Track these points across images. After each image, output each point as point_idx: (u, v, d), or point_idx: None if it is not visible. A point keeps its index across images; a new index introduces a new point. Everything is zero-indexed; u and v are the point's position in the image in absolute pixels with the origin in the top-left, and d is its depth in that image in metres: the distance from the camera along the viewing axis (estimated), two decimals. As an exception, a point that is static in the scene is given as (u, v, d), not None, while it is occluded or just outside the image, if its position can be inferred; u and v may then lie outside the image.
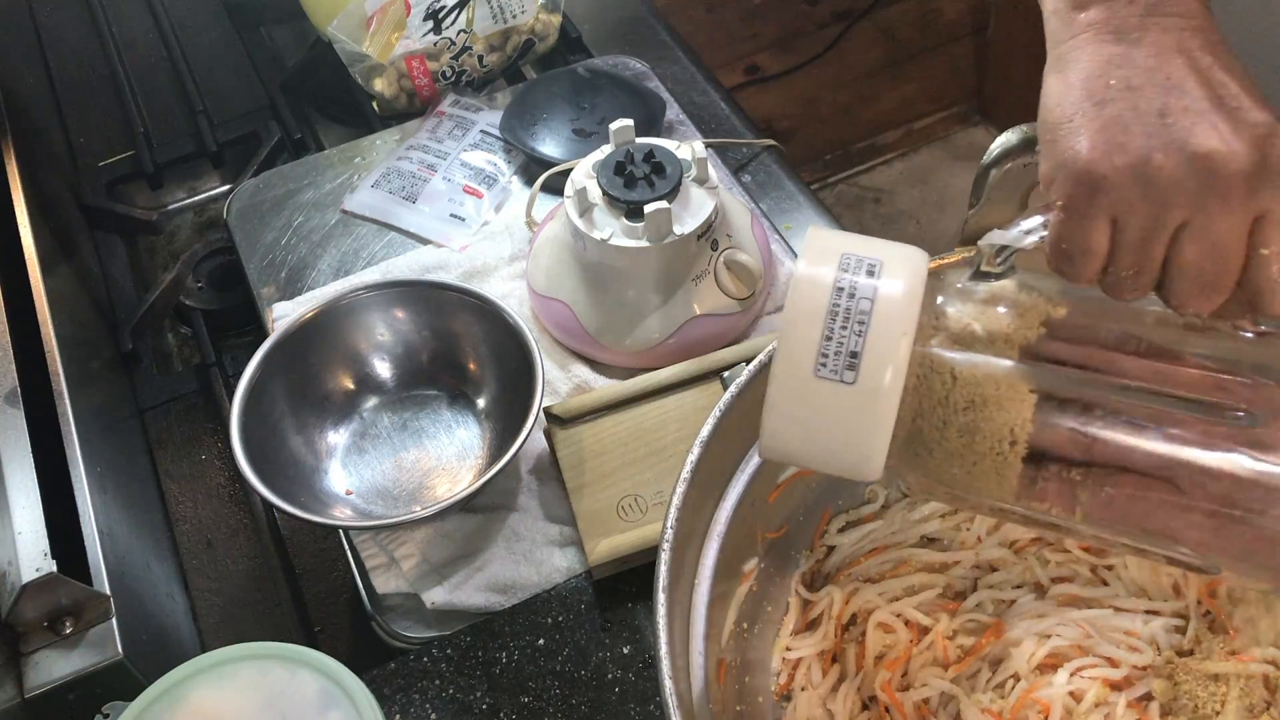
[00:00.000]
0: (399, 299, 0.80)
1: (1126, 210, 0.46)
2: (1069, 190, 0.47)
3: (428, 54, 1.00)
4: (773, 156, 1.01)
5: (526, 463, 0.79)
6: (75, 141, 1.12)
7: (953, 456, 0.48)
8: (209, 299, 0.97)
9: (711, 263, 0.81)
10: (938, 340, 0.48)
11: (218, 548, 0.82)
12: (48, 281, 0.83)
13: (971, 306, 0.49)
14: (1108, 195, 0.46)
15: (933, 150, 2.30)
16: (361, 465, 0.79)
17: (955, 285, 0.50)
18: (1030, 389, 0.47)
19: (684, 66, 1.10)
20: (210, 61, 1.18)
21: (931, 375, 0.47)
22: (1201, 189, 0.44)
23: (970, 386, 0.47)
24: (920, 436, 0.48)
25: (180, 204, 1.11)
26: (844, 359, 0.45)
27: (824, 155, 2.24)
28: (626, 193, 0.79)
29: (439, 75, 1.02)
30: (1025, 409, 0.47)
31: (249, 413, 0.73)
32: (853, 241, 0.48)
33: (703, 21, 1.88)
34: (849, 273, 0.46)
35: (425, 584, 0.73)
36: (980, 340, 0.48)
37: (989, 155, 0.62)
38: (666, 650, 0.52)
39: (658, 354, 0.81)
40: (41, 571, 0.63)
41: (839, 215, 1.27)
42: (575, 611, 0.73)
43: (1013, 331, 0.48)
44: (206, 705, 0.55)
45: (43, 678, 0.63)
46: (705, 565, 0.60)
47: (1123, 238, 0.46)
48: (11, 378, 0.73)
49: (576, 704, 0.69)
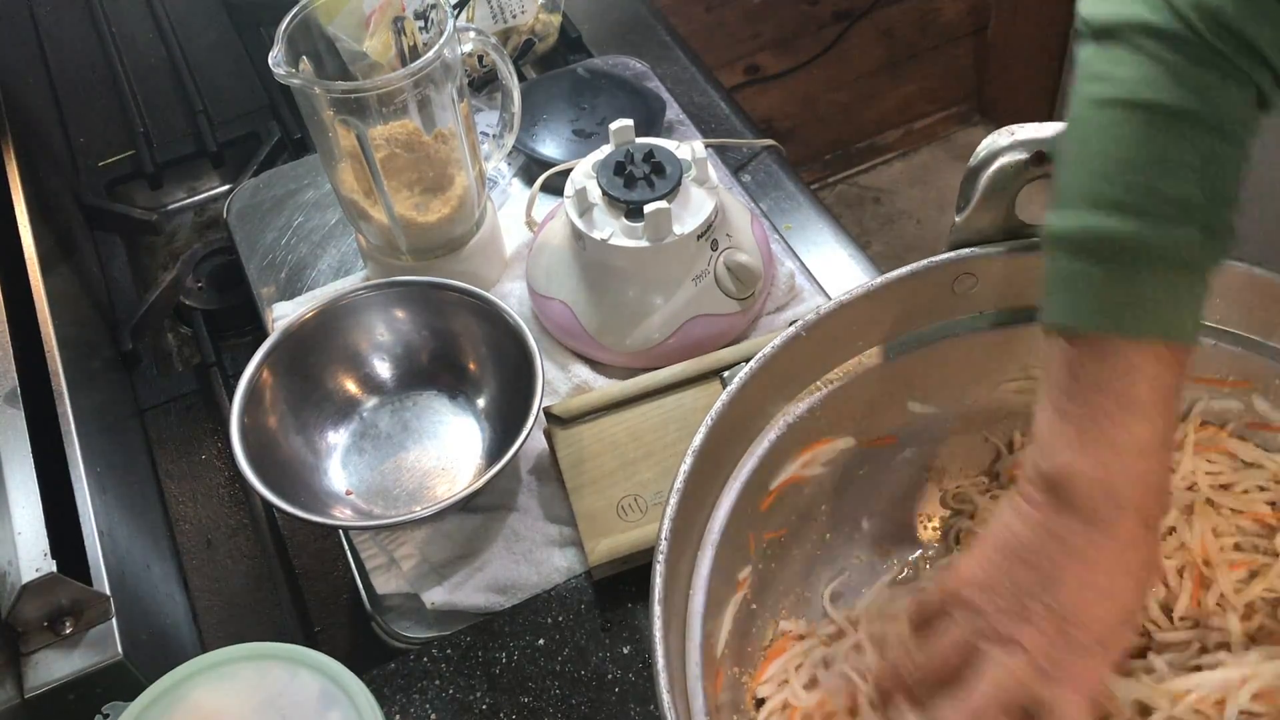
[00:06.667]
0: (399, 299, 0.80)
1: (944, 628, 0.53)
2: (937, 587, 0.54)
3: (428, 54, 1.00)
4: (773, 156, 1.01)
5: (526, 463, 0.79)
6: (75, 141, 1.12)
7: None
8: (209, 299, 0.98)
9: (711, 263, 0.81)
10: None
11: (218, 548, 0.82)
12: (48, 281, 0.83)
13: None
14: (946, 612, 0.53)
15: (933, 150, 2.31)
16: (361, 465, 0.79)
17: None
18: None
19: (684, 66, 1.10)
20: (210, 61, 1.18)
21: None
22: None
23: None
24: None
25: (180, 204, 1.11)
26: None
27: (824, 155, 2.24)
28: (626, 193, 0.79)
29: (439, 75, 1.02)
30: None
31: (249, 413, 0.73)
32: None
33: (703, 21, 1.88)
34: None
35: (425, 584, 0.73)
36: None
37: (976, 157, 0.62)
38: (664, 664, 0.52)
39: (658, 354, 0.81)
40: (41, 571, 0.63)
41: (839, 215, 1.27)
42: (575, 611, 0.73)
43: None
44: (206, 705, 0.55)
45: (43, 678, 0.63)
46: (700, 574, 0.59)
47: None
48: (11, 378, 0.73)
49: (576, 704, 0.69)
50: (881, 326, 0.66)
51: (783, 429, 0.64)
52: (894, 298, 0.65)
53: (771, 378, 0.63)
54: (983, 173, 0.62)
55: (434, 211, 0.83)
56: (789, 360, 0.63)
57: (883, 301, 0.65)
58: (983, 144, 0.62)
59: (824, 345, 0.65)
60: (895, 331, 0.67)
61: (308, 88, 0.75)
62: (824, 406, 0.66)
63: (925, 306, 0.66)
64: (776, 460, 0.65)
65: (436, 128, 0.81)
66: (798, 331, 0.63)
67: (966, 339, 0.67)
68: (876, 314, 0.65)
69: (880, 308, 0.65)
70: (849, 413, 0.67)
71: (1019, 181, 0.62)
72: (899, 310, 0.66)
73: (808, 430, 0.66)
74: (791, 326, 0.63)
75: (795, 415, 0.65)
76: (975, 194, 0.62)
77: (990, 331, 0.66)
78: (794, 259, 0.90)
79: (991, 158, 0.61)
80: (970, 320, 0.67)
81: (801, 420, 0.65)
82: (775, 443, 0.64)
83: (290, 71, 0.74)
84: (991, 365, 0.69)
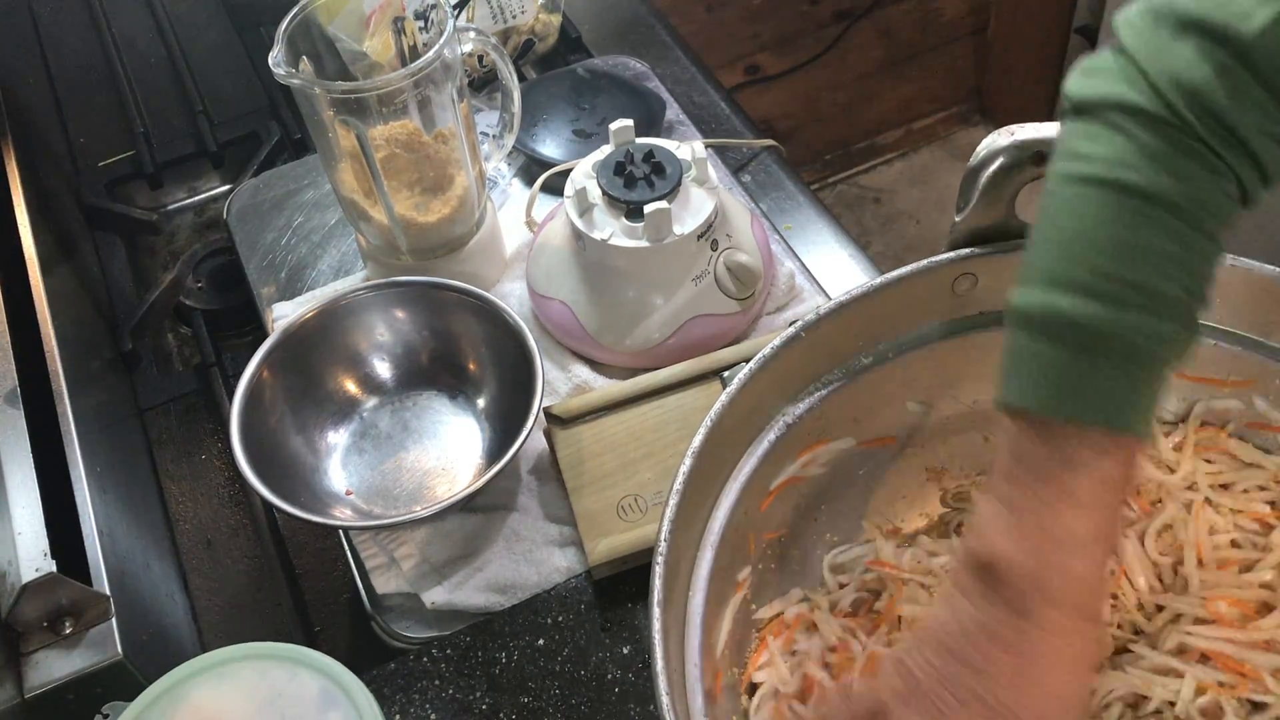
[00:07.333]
0: (399, 299, 0.80)
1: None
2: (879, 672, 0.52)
3: (428, 54, 1.00)
4: (773, 156, 1.01)
5: (526, 463, 0.79)
6: (75, 141, 1.12)
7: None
8: (209, 299, 0.98)
9: (711, 263, 0.81)
10: None
11: (218, 548, 0.82)
12: (48, 281, 0.83)
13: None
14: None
15: (933, 150, 2.31)
16: (361, 465, 0.79)
17: None
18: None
19: (684, 66, 1.10)
20: (210, 61, 1.18)
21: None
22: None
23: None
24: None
25: (180, 204, 1.11)
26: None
27: (824, 155, 2.24)
28: (626, 193, 0.79)
29: (439, 75, 1.02)
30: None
31: (249, 413, 0.73)
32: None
33: (703, 21, 1.88)
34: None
35: (425, 584, 0.73)
36: None
37: (975, 158, 0.62)
38: (663, 665, 0.52)
39: (658, 354, 0.81)
40: (41, 571, 0.63)
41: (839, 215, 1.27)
42: (575, 611, 0.73)
43: None
44: (206, 705, 0.55)
45: (43, 678, 0.63)
46: (700, 576, 0.59)
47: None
48: (11, 378, 0.73)
49: (576, 704, 0.69)
50: (881, 326, 0.66)
51: (783, 429, 0.64)
52: (894, 298, 0.65)
53: (771, 378, 0.63)
54: (983, 173, 0.62)
55: (434, 211, 0.83)
56: (789, 360, 0.63)
57: (883, 301, 0.65)
58: (983, 144, 0.62)
59: (824, 345, 0.65)
60: (895, 331, 0.67)
61: (308, 88, 0.75)
62: (824, 406, 0.66)
63: (925, 306, 0.66)
64: (776, 460, 0.65)
65: (436, 128, 0.81)
66: (798, 331, 0.63)
67: (966, 339, 0.67)
68: (876, 314, 0.65)
69: (880, 308, 0.65)
70: (849, 413, 0.67)
71: (1019, 181, 0.62)
72: (899, 310, 0.66)
73: (808, 430, 0.66)
74: (791, 326, 0.63)
75: (795, 415, 0.65)
76: (975, 194, 0.62)
77: (990, 331, 0.66)
78: (794, 259, 0.91)
79: (991, 158, 0.61)
80: (970, 320, 0.67)
81: (801, 420, 0.65)
82: (775, 443, 0.64)
83: (290, 71, 0.74)
84: (991, 365, 0.68)
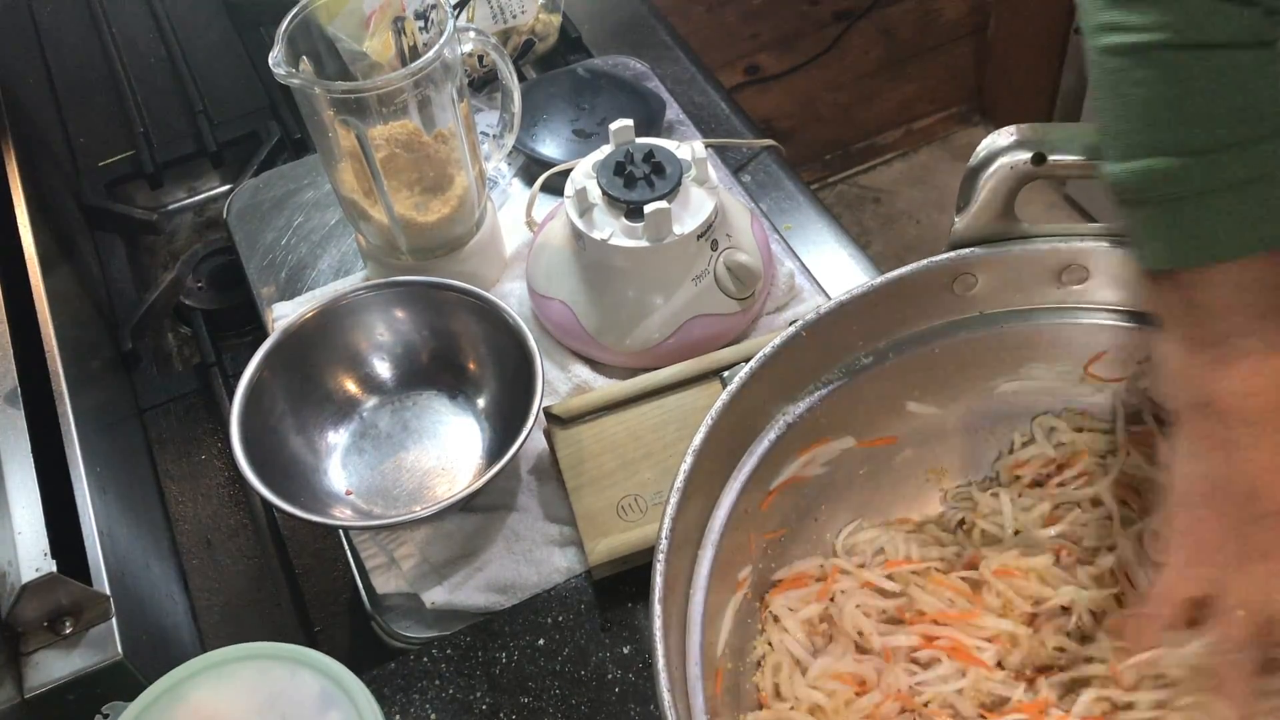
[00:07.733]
0: (399, 299, 0.80)
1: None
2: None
3: (428, 54, 1.00)
4: (772, 156, 1.01)
5: (526, 463, 0.79)
6: (75, 141, 1.12)
7: None
8: (209, 299, 0.98)
9: (711, 263, 0.81)
10: None
11: (218, 548, 0.82)
12: (48, 281, 0.83)
13: None
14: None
15: (933, 150, 2.31)
16: (361, 465, 0.79)
17: None
18: None
19: (684, 66, 1.10)
20: (210, 61, 1.18)
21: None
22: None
23: None
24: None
25: (180, 204, 1.11)
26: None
27: (824, 155, 2.24)
28: (626, 193, 0.79)
29: (439, 75, 1.02)
30: None
31: (249, 413, 0.73)
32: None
33: (703, 21, 1.88)
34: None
35: (425, 584, 0.73)
36: None
37: (976, 157, 0.62)
38: (663, 665, 0.52)
39: (658, 354, 0.81)
40: (41, 571, 0.63)
41: (839, 215, 1.27)
42: (575, 611, 0.73)
43: None
44: (206, 705, 0.55)
45: (43, 678, 0.63)
46: (700, 574, 0.59)
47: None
48: (11, 378, 0.73)
49: (576, 704, 0.69)
50: (882, 326, 0.66)
51: (783, 429, 0.64)
52: (894, 298, 0.65)
53: (771, 378, 0.63)
54: (983, 173, 0.62)
55: (434, 211, 0.83)
56: (789, 360, 0.63)
57: (883, 301, 0.65)
58: (983, 144, 0.62)
59: (824, 345, 0.65)
60: (895, 331, 0.67)
61: (308, 88, 0.75)
62: (824, 406, 0.66)
63: (925, 306, 0.66)
64: (776, 460, 0.65)
65: (436, 128, 0.81)
66: (798, 331, 0.63)
67: (966, 339, 0.67)
68: (876, 314, 0.65)
69: (880, 308, 0.65)
70: (849, 413, 0.67)
71: (1019, 181, 0.62)
72: (899, 310, 0.66)
73: (808, 430, 0.66)
74: (791, 326, 0.63)
75: (795, 415, 0.65)
76: (975, 194, 0.63)
77: (990, 331, 0.66)
78: (794, 259, 0.90)
79: (991, 158, 0.62)
80: (970, 320, 0.67)
81: (801, 420, 0.65)
82: (775, 443, 0.64)
83: (290, 71, 0.74)
84: (991, 365, 0.68)
